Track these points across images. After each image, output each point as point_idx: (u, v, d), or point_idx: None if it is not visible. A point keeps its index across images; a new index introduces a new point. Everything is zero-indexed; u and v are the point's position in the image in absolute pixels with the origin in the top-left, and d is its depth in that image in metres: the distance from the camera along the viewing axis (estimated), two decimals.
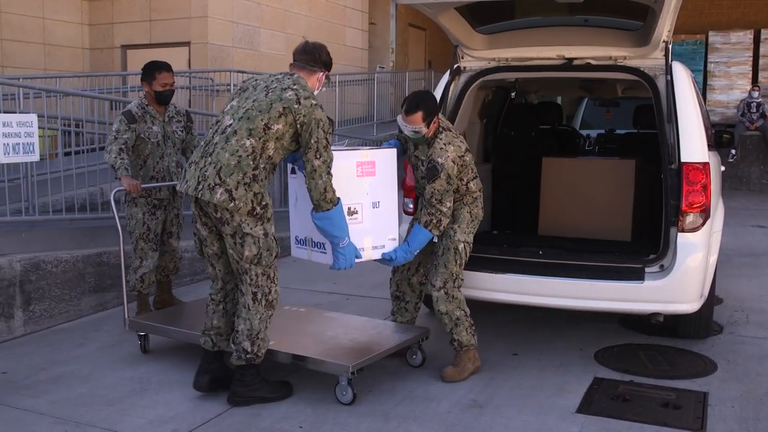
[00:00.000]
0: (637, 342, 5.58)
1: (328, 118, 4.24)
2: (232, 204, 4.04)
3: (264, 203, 4.16)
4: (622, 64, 5.36)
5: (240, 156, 4.08)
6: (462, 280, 4.81)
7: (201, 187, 4.10)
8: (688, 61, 16.19)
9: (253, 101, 4.20)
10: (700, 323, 5.46)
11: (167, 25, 13.90)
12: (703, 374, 4.89)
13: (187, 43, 13.80)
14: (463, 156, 4.68)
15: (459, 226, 4.79)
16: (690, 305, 4.80)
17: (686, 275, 4.71)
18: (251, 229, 4.13)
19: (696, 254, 4.72)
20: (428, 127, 4.60)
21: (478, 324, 5.94)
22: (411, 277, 5.08)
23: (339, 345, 4.70)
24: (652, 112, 5.18)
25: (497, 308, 6.23)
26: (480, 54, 5.66)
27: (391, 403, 4.40)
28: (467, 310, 4.82)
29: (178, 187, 4.39)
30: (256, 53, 14.78)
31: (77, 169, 6.93)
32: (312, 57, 4.41)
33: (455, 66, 5.72)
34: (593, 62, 5.45)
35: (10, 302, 5.66)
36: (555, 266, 5.03)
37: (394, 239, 4.75)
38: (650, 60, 5.24)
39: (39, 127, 5.93)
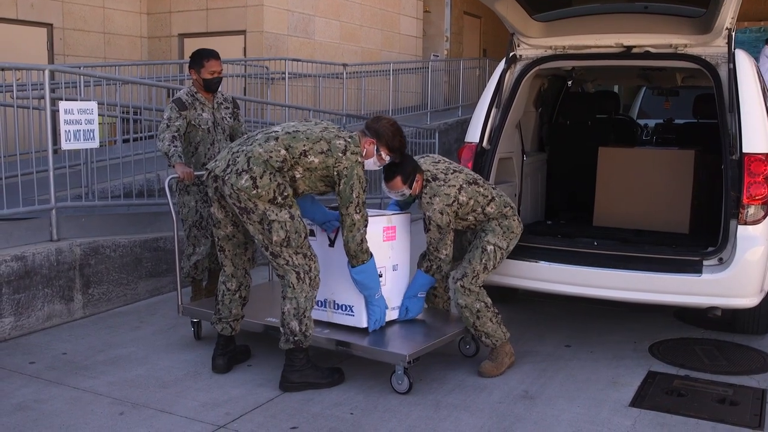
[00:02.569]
0: (694, 336, 5.49)
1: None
2: (254, 191, 4.14)
3: (285, 194, 4.23)
4: (682, 52, 5.25)
5: (271, 155, 4.22)
6: (481, 279, 4.71)
7: (229, 170, 4.23)
8: (751, 50, 15.75)
9: (307, 128, 4.38)
10: (760, 318, 5.34)
11: (223, 13, 14.04)
12: (761, 370, 4.79)
13: (243, 32, 13.91)
14: (455, 200, 4.63)
15: (492, 232, 4.76)
16: (749, 300, 4.69)
17: (746, 269, 4.60)
18: (276, 215, 4.21)
19: (756, 247, 4.60)
20: (411, 188, 4.64)
21: (530, 314, 5.89)
22: None
23: (394, 334, 4.71)
24: (713, 102, 5.06)
25: (551, 299, 6.19)
26: (536, 42, 5.60)
27: (441, 392, 4.40)
28: (488, 300, 4.70)
29: (208, 165, 4.46)
30: (310, 41, 14.84)
31: (135, 156, 7.05)
32: (367, 124, 4.59)
33: (511, 54, 5.66)
34: (653, 50, 5.35)
35: (70, 285, 5.80)
36: (610, 257, 4.95)
37: None
38: (712, 48, 5.12)
39: (99, 115, 6.04)
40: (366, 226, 4.39)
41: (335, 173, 4.29)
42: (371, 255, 4.45)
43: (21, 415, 4.07)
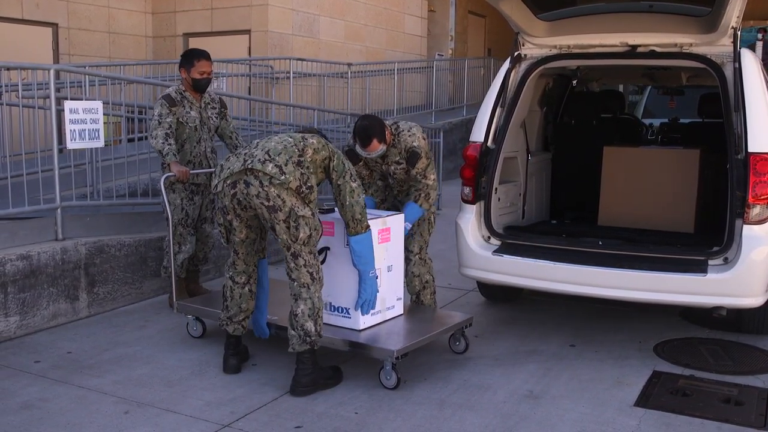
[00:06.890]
0: (699, 336, 5.48)
1: None
2: (282, 177, 4.14)
3: (309, 184, 4.26)
4: (687, 51, 5.24)
5: (286, 144, 4.29)
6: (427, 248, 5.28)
7: (249, 162, 4.23)
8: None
9: (280, 141, 4.39)
10: (765, 318, 5.32)
11: (228, 13, 14.06)
12: (766, 370, 4.77)
13: (248, 31, 13.93)
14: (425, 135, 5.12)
15: (427, 201, 5.17)
16: (754, 299, 4.68)
17: (751, 268, 4.59)
18: (302, 211, 4.22)
19: (761, 247, 4.60)
20: (385, 143, 4.92)
21: (534, 313, 5.91)
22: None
23: (383, 330, 4.72)
24: (718, 101, 5.05)
25: (555, 299, 6.18)
26: (541, 41, 5.59)
27: (446, 392, 4.40)
28: (434, 276, 5.31)
29: (213, 186, 4.47)
30: (315, 41, 14.85)
31: (140, 155, 7.06)
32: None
33: (516, 53, 5.65)
34: (658, 49, 5.34)
35: (76, 284, 5.81)
36: (615, 257, 4.95)
37: (400, 299, 4.96)
38: (717, 47, 5.11)
39: (104, 114, 6.05)
40: (362, 195, 4.49)
41: (330, 154, 4.42)
42: (369, 227, 4.51)
43: (26, 413, 4.08)
